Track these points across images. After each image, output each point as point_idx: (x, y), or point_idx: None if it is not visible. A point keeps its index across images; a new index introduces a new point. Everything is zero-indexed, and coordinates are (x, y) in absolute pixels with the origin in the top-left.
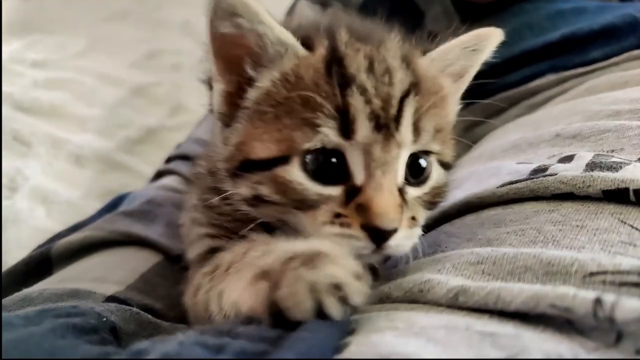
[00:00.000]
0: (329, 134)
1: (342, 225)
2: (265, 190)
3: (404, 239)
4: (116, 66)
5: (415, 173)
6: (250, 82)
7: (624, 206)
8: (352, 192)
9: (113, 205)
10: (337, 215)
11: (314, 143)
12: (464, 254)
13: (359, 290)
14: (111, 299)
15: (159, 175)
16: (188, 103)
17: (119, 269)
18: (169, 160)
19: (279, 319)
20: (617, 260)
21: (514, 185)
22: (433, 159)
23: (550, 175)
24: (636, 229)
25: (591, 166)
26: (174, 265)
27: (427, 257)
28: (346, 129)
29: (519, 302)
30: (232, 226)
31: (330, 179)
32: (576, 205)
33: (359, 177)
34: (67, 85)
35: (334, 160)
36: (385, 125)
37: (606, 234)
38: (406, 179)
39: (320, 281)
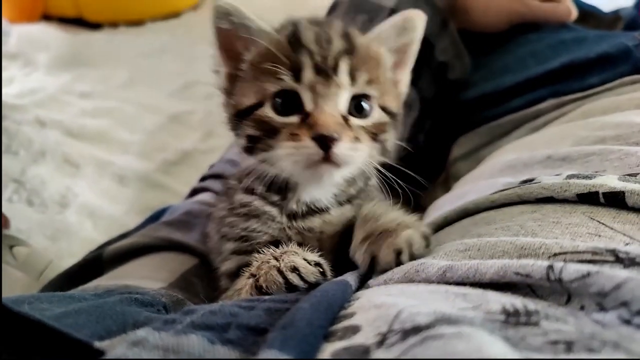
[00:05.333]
0: (286, 79)
1: (295, 140)
2: (249, 130)
3: (349, 150)
4: (155, 96)
5: (359, 111)
6: (243, 60)
7: (595, 207)
8: (306, 118)
9: (156, 217)
10: (293, 135)
11: (277, 87)
12: (455, 244)
13: (312, 271)
14: None
15: (195, 192)
16: (219, 129)
17: (163, 269)
18: (203, 179)
19: None
20: (576, 243)
21: (504, 192)
22: (374, 102)
23: (535, 183)
24: (603, 223)
25: (570, 176)
26: (208, 267)
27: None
28: (298, 76)
29: (492, 272)
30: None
31: (291, 112)
32: (555, 207)
33: (309, 106)
34: (112, 113)
35: (293, 100)
36: (325, 72)
37: (577, 227)
38: (351, 113)
39: (282, 266)
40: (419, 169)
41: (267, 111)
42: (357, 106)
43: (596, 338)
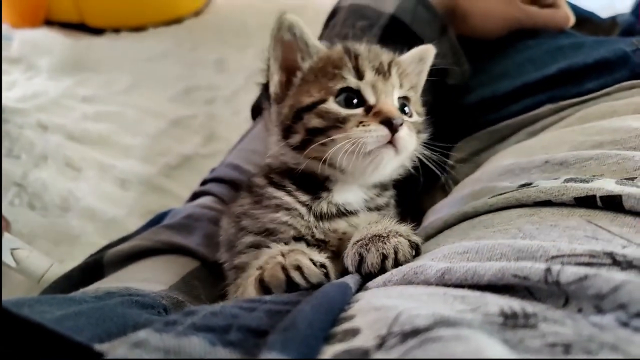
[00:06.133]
0: (350, 78)
1: (365, 125)
2: (313, 122)
3: (408, 136)
4: (157, 100)
5: (403, 112)
6: (298, 69)
7: (592, 210)
8: (369, 110)
9: (157, 221)
10: (362, 122)
11: (342, 84)
12: (454, 247)
13: (315, 272)
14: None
15: (196, 196)
16: (220, 133)
17: (163, 272)
18: (204, 182)
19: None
20: (573, 246)
21: (502, 196)
22: (411, 106)
23: (533, 187)
24: (600, 226)
25: (568, 180)
26: (209, 270)
27: (427, 253)
28: (360, 76)
29: (490, 274)
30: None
31: (355, 106)
32: (552, 210)
33: (371, 100)
34: (114, 118)
35: (355, 96)
36: (382, 73)
37: (574, 231)
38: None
39: (287, 263)
40: (419, 173)
41: (332, 105)
42: (400, 107)
43: (594, 340)
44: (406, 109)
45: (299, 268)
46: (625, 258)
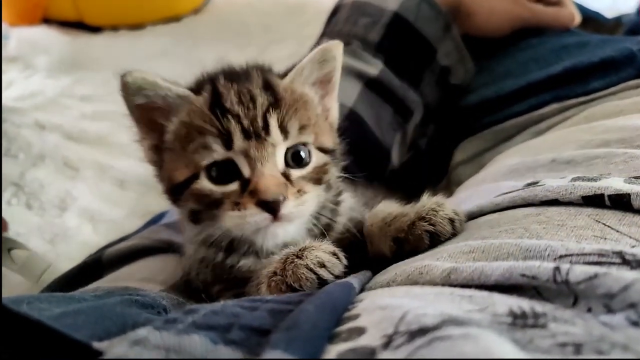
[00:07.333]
0: (217, 149)
1: (239, 209)
2: (192, 204)
3: (296, 207)
4: None
5: (298, 160)
6: (166, 129)
7: (600, 209)
8: (246, 185)
9: (156, 221)
10: (237, 204)
11: (209, 159)
12: (459, 246)
13: (335, 264)
14: None
15: None
16: None
17: (162, 271)
18: None
19: None
20: (582, 245)
21: (508, 195)
22: (311, 147)
23: (540, 185)
24: (608, 226)
25: (575, 179)
26: None
27: (430, 250)
28: (228, 143)
29: (497, 274)
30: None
31: (229, 179)
32: (560, 209)
33: (246, 172)
34: (112, 117)
35: (229, 167)
36: (256, 134)
37: (582, 230)
38: (289, 165)
39: (311, 263)
40: (421, 174)
41: (204, 183)
42: (294, 156)
43: (605, 340)
44: (302, 153)
45: (323, 265)
46: (635, 257)
